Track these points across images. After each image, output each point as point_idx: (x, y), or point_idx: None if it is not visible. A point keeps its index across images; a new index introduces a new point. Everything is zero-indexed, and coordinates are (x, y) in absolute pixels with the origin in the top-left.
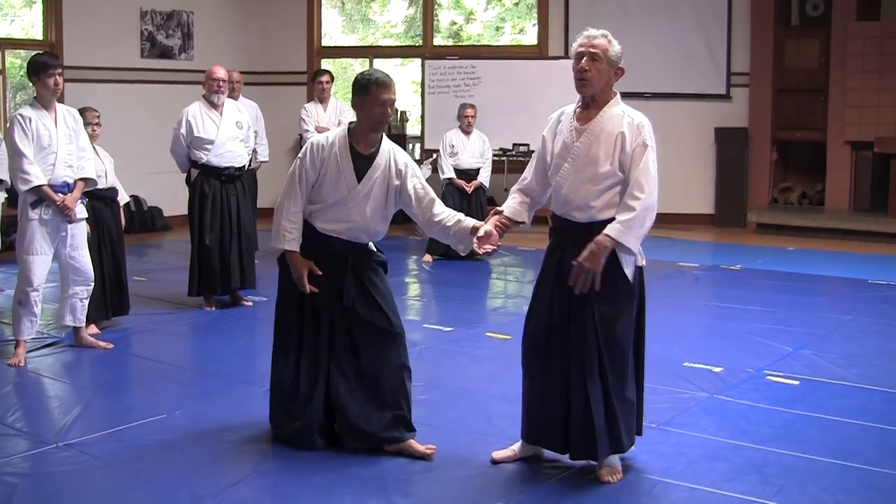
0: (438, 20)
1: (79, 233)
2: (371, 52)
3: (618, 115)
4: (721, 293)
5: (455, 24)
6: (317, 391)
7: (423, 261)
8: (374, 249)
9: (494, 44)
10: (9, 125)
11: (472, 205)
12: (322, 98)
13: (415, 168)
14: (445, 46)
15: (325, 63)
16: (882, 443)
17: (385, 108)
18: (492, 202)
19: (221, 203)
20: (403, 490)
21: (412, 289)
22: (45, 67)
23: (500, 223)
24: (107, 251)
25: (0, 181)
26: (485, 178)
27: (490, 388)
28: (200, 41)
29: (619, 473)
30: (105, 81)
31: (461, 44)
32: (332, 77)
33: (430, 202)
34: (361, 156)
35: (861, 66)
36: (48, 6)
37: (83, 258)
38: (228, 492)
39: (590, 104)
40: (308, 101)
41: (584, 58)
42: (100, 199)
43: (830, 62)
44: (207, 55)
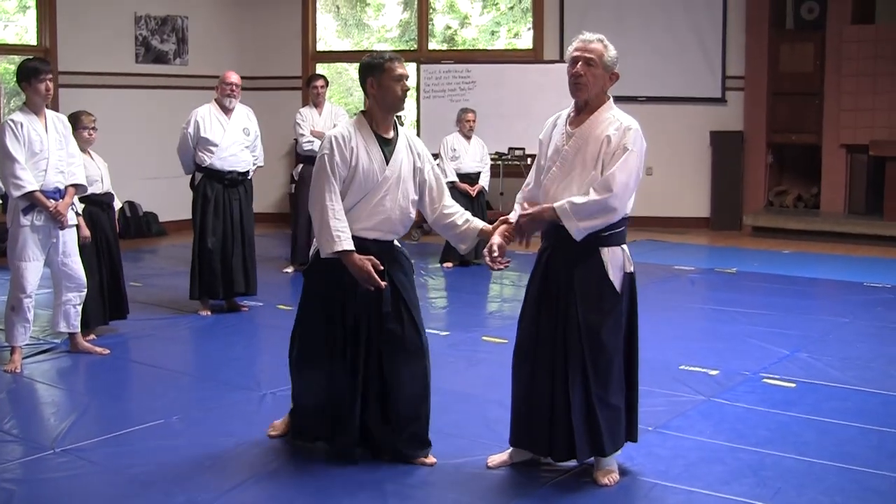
0: (433, 24)
1: (70, 239)
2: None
3: (608, 119)
4: (717, 296)
5: (450, 29)
6: (356, 401)
7: (444, 266)
8: (400, 246)
9: (489, 48)
10: None
11: (475, 208)
12: (317, 102)
13: (430, 155)
14: (440, 51)
15: (320, 68)
16: (879, 445)
17: (404, 83)
18: (488, 206)
19: (224, 207)
20: (401, 494)
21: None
22: (36, 73)
23: (508, 233)
24: (104, 256)
25: None
26: (485, 182)
27: (487, 393)
28: (195, 46)
29: (616, 476)
30: (99, 87)
31: (456, 48)
32: (327, 82)
33: (443, 191)
34: (385, 139)
35: (856, 70)
36: (42, 11)
37: (75, 264)
38: (226, 497)
39: (582, 108)
40: (303, 106)
41: (580, 63)
42: (96, 205)
43: (825, 66)
44: (202, 60)
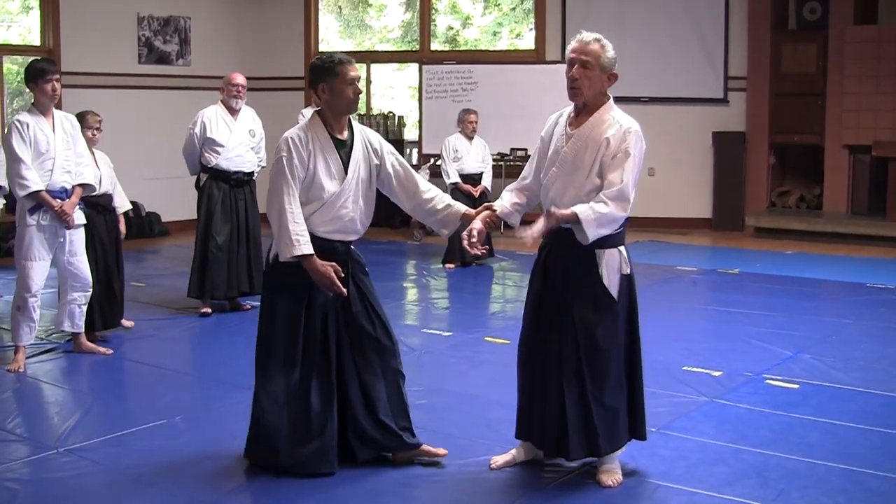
0: (435, 25)
1: (77, 239)
2: (368, 58)
3: (607, 121)
4: (719, 297)
5: (452, 30)
6: (332, 407)
7: (446, 267)
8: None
9: (492, 49)
10: (6, 131)
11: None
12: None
13: (389, 146)
14: (442, 51)
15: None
16: (882, 446)
17: (356, 86)
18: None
19: (231, 207)
20: (404, 495)
21: (410, 294)
22: (43, 73)
23: (490, 219)
24: (99, 260)
25: None
26: (487, 183)
27: (489, 393)
28: (198, 47)
29: (619, 477)
30: (102, 87)
31: (458, 49)
32: None
33: (412, 179)
34: (341, 141)
35: (859, 70)
36: (45, 12)
37: (82, 264)
38: (229, 497)
39: (582, 109)
40: (305, 107)
41: (576, 65)
42: (92, 207)
43: (828, 66)
44: (204, 61)
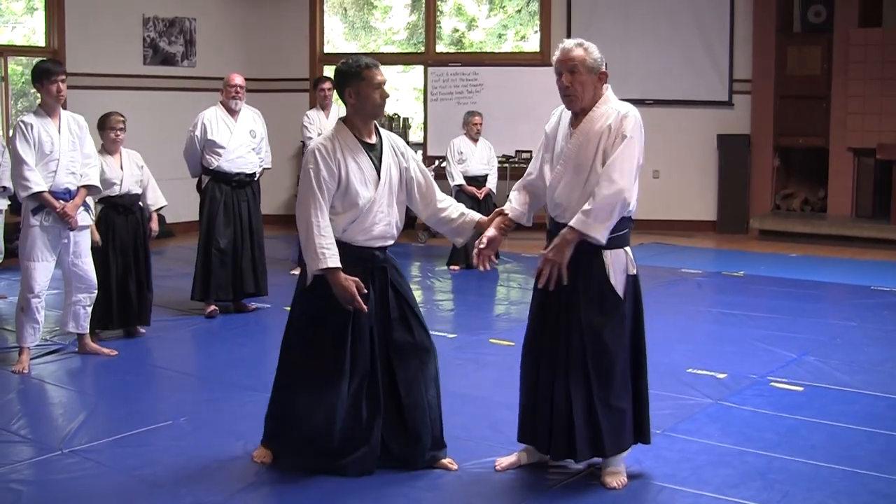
0: (441, 27)
1: (82, 240)
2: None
3: (605, 113)
4: (724, 299)
5: (457, 31)
6: (380, 415)
7: (451, 269)
8: None
9: (497, 51)
10: (12, 132)
11: (483, 211)
12: (324, 105)
13: (412, 151)
14: (448, 53)
15: (328, 70)
16: (887, 449)
17: (383, 90)
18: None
19: (233, 209)
20: (409, 496)
21: (416, 295)
22: (49, 74)
23: (504, 225)
24: (118, 261)
25: (3, 188)
26: (492, 184)
27: (494, 395)
28: (203, 48)
29: (624, 479)
30: (107, 88)
31: (463, 51)
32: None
33: (432, 187)
34: (370, 145)
35: (863, 73)
36: (50, 13)
37: (86, 265)
38: (233, 499)
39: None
40: (310, 109)
41: (564, 73)
42: (112, 207)
43: (833, 69)
44: (210, 62)
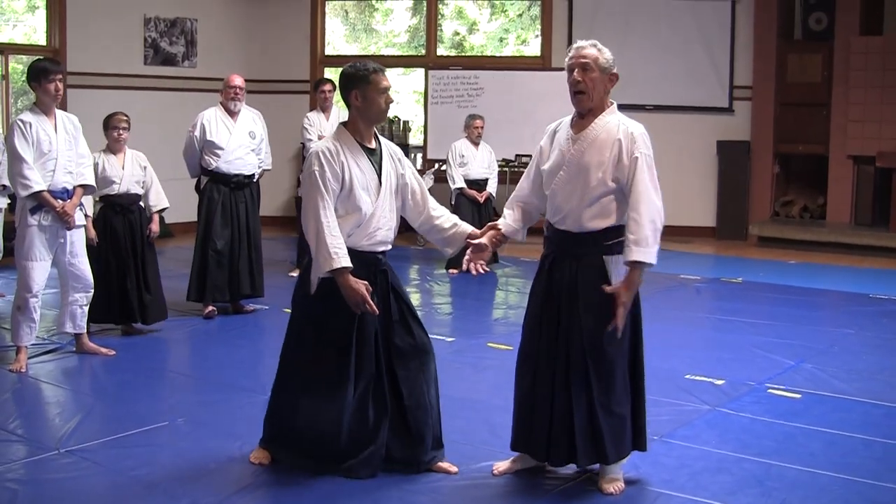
0: (442, 30)
1: (78, 239)
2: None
3: (613, 124)
4: (722, 306)
5: (458, 35)
6: (386, 417)
7: (449, 272)
8: None
9: (498, 55)
10: (8, 130)
11: (483, 215)
12: (324, 107)
13: (407, 160)
14: (449, 57)
15: (328, 72)
16: (884, 457)
17: (388, 95)
18: (495, 213)
19: (231, 210)
20: (406, 500)
21: (414, 299)
22: (46, 73)
23: (497, 239)
24: (111, 261)
25: (3, 187)
26: (493, 188)
27: (492, 399)
28: (204, 49)
29: (622, 485)
30: (108, 88)
31: (464, 54)
32: (335, 86)
33: (426, 195)
34: (371, 150)
35: (864, 81)
36: (52, 12)
37: (83, 265)
38: (230, 500)
39: (585, 114)
40: (311, 110)
41: (576, 70)
42: (110, 207)
43: (833, 76)
44: (211, 63)
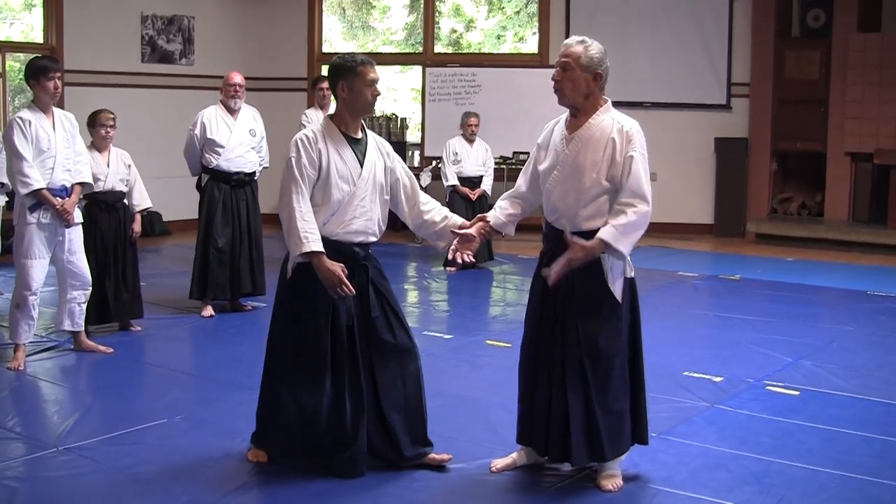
0: (439, 28)
1: (76, 237)
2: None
3: (607, 122)
4: (720, 303)
5: (456, 32)
6: (364, 415)
7: (447, 270)
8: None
9: (495, 52)
10: (7, 128)
11: (477, 212)
12: (322, 104)
13: (397, 155)
14: (446, 54)
15: (326, 70)
16: (882, 454)
17: (375, 88)
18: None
19: (232, 208)
20: (404, 497)
21: (411, 296)
22: (45, 70)
23: (484, 231)
24: (99, 258)
25: (1, 185)
26: (487, 186)
27: (490, 396)
28: (201, 46)
29: (620, 482)
30: (105, 85)
31: (462, 52)
32: None
33: (417, 190)
34: (355, 140)
35: (861, 78)
36: (49, 10)
37: (81, 262)
38: (228, 498)
39: (577, 112)
40: (308, 108)
41: (557, 68)
42: (95, 204)
43: (831, 73)
44: (208, 60)
